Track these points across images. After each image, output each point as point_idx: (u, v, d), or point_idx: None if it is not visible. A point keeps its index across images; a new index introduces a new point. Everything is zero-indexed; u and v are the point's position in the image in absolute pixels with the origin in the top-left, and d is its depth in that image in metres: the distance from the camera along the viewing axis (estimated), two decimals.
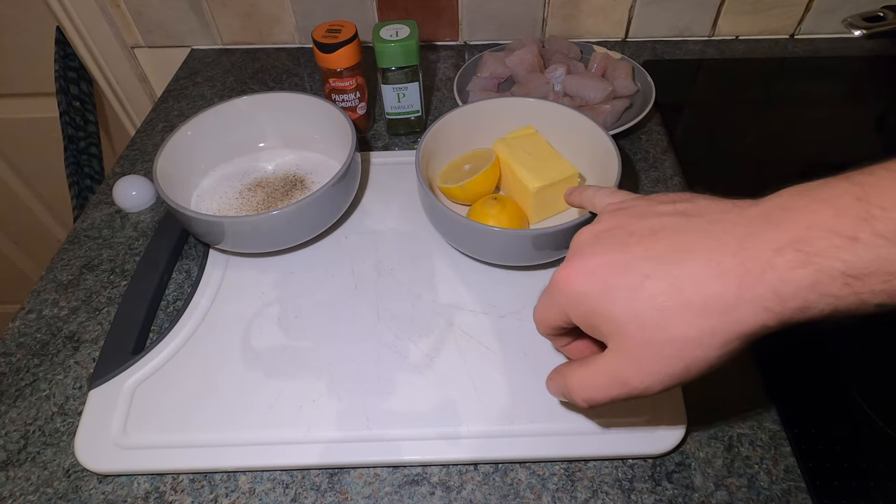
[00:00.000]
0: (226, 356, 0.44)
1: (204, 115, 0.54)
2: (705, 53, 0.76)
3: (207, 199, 0.54)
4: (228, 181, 0.56)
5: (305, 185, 0.55)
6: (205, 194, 0.55)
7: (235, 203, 0.54)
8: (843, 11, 0.73)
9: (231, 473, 0.39)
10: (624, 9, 0.74)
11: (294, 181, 0.56)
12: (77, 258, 0.53)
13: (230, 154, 0.57)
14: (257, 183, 0.56)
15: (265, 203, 0.53)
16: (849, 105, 0.68)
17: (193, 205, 0.53)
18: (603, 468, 0.39)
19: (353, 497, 0.38)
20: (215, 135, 0.55)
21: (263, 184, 0.56)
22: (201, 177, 0.56)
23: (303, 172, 0.57)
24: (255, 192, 0.55)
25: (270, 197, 0.54)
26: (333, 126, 0.54)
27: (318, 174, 0.56)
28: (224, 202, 0.54)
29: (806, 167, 0.60)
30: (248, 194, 0.54)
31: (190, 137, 0.53)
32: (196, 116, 0.53)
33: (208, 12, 0.76)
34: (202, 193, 0.55)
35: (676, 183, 0.58)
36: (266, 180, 0.56)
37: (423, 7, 0.74)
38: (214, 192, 0.55)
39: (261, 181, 0.56)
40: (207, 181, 0.56)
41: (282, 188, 0.55)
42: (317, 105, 0.55)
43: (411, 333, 0.45)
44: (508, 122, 0.53)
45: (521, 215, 0.49)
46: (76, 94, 0.79)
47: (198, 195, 0.55)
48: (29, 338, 0.47)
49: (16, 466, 0.40)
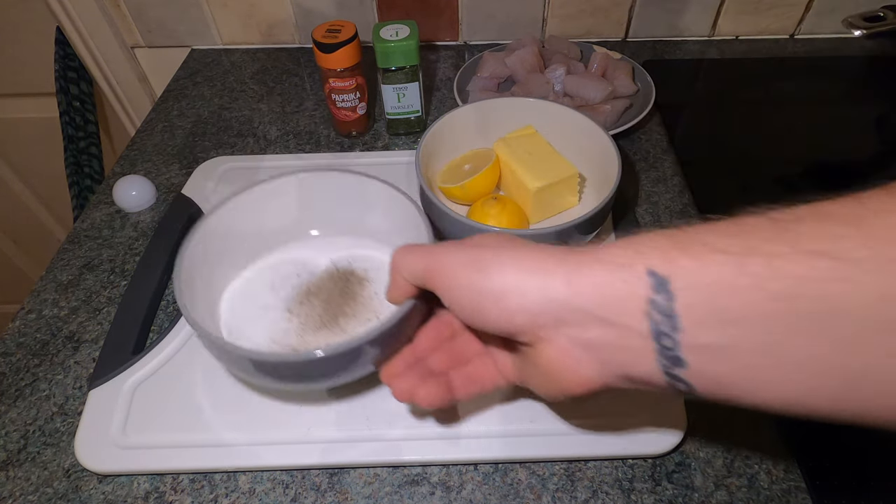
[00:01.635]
0: None
1: (246, 195, 0.43)
2: (705, 53, 0.76)
3: (245, 311, 0.43)
4: (270, 282, 0.45)
5: (364, 286, 0.45)
6: (239, 299, 0.43)
7: (282, 321, 0.42)
8: (843, 11, 0.73)
9: (231, 473, 0.39)
10: (624, 9, 0.74)
11: (353, 282, 0.45)
12: (77, 258, 0.53)
13: (271, 244, 0.47)
14: (308, 290, 0.44)
15: (322, 321, 0.42)
16: (849, 105, 0.68)
17: (225, 319, 0.42)
18: (603, 468, 0.39)
19: (353, 497, 0.38)
20: (257, 220, 0.45)
21: (317, 290, 0.44)
22: (238, 271, 0.45)
23: (362, 269, 0.46)
24: (310, 304, 0.43)
25: (328, 311, 0.42)
26: (404, 218, 0.44)
27: (380, 271, 0.46)
28: (265, 316, 0.42)
29: (806, 167, 0.60)
30: (298, 309, 0.43)
31: (229, 219, 0.42)
32: (237, 198, 0.43)
33: (208, 12, 0.76)
34: (234, 298, 0.43)
35: (676, 183, 0.58)
36: (320, 285, 0.44)
37: (423, 7, 0.74)
38: (252, 298, 0.44)
39: (312, 286, 0.44)
40: (241, 281, 0.45)
41: (339, 296, 0.43)
42: (385, 193, 0.45)
43: None
44: (508, 122, 0.53)
45: (521, 215, 0.49)
46: (76, 94, 0.79)
47: (230, 300, 0.43)
48: (29, 338, 0.47)
49: (16, 466, 0.40)
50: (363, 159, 0.60)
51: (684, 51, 0.76)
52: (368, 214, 0.46)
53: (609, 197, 0.44)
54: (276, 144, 0.64)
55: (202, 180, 0.58)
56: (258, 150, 0.64)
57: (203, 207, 0.55)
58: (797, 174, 0.59)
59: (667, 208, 0.56)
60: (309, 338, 0.41)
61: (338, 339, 0.38)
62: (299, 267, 0.46)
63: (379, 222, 0.46)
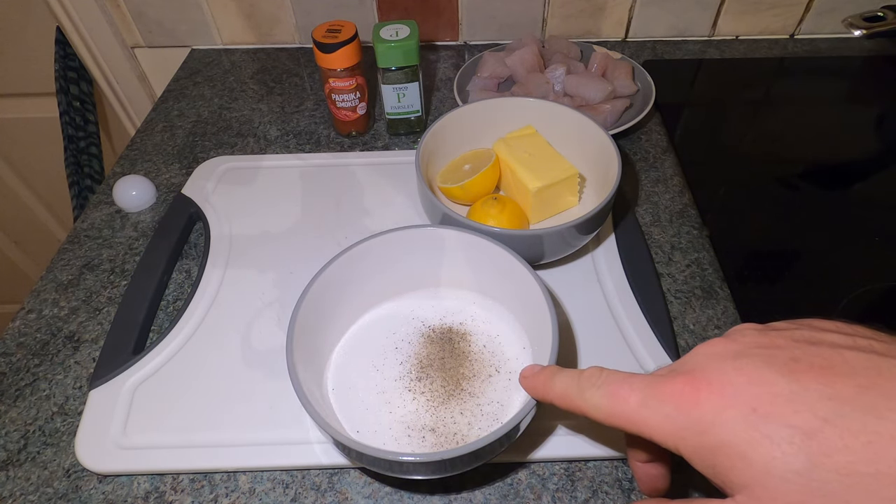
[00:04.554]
0: (226, 356, 0.44)
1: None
2: (705, 53, 0.76)
3: (360, 400, 0.39)
4: (371, 363, 0.41)
5: (469, 341, 0.42)
6: (343, 389, 0.40)
7: (408, 403, 0.39)
8: (843, 11, 0.73)
9: (231, 473, 0.39)
10: (624, 9, 0.74)
11: (455, 340, 0.42)
12: (77, 258, 0.53)
13: (347, 322, 0.43)
14: (420, 363, 0.41)
15: (447, 391, 0.39)
16: (849, 105, 0.68)
17: (344, 414, 0.39)
18: (603, 468, 0.39)
19: (353, 497, 0.38)
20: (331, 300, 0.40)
21: (427, 360, 0.41)
22: (325, 359, 0.41)
23: (458, 323, 0.43)
24: (428, 377, 0.40)
25: (449, 379, 0.39)
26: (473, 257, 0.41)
27: (475, 320, 0.43)
28: (388, 402, 0.39)
29: (806, 167, 0.60)
30: (418, 386, 0.39)
31: (303, 318, 0.37)
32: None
33: (208, 12, 0.76)
34: (339, 388, 0.40)
35: (676, 183, 0.58)
36: (427, 353, 0.41)
37: (423, 7, 0.74)
38: (362, 385, 0.40)
39: (419, 356, 0.41)
40: (336, 370, 0.41)
41: (452, 359, 0.41)
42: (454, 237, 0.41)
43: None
44: (508, 122, 0.53)
45: (521, 215, 0.49)
46: (76, 94, 0.79)
47: (337, 393, 0.40)
48: (29, 338, 0.47)
49: (16, 466, 0.40)
50: (363, 159, 0.60)
51: (684, 51, 0.76)
52: (434, 263, 0.43)
53: (609, 197, 0.44)
54: (276, 144, 0.64)
55: (202, 180, 0.58)
56: (258, 150, 0.64)
57: (203, 207, 0.55)
58: (797, 174, 0.59)
59: (667, 208, 0.56)
60: (442, 413, 0.38)
61: (469, 405, 0.38)
62: (390, 336, 0.42)
63: (447, 269, 0.44)
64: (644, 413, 0.23)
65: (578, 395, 0.26)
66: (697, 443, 0.21)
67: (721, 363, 0.22)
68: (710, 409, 0.21)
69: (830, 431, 0.18)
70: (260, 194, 0.57)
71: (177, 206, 0.55)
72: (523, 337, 0.42)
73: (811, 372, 0.20)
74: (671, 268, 0.50)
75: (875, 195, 0.57)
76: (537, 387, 0.29)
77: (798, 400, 0.19)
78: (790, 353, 0.21)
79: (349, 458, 0.35)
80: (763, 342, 0.22)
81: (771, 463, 0.19)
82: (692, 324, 0.46)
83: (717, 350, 0.23)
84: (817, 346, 0.21)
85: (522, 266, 0.39)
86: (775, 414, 0.19)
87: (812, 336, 0.22)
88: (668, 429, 0.22)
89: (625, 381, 0.24)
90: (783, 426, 0.19)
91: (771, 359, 0.21)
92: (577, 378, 0.26)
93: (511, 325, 0.43)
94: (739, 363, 0.21)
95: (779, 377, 0.20)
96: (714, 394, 0.21)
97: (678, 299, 0.48)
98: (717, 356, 0.22)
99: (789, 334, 0.22)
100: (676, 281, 0.49)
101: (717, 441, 0.20)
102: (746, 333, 0.23)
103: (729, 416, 0.20)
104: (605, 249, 0.51)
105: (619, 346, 0.44)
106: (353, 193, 0.56)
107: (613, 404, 0.24)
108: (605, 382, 0.25)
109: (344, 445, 0.31)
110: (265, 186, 0.58)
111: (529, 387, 0.30)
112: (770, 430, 0.19)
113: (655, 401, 0.22)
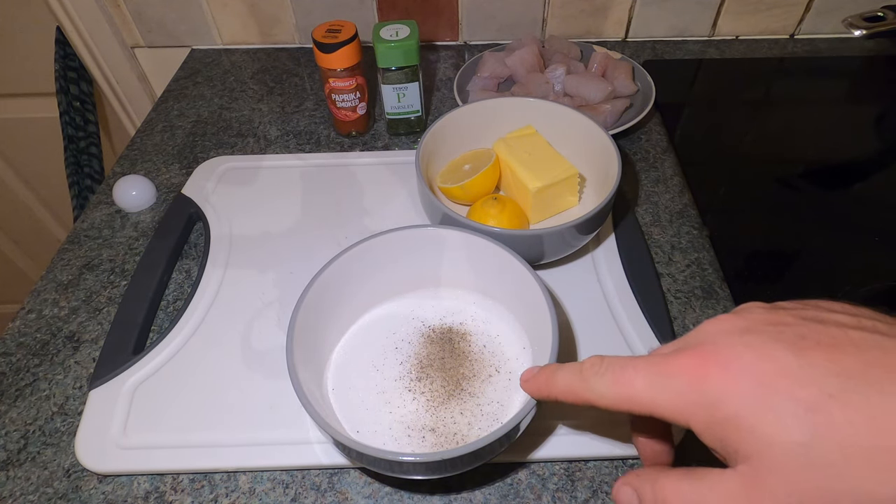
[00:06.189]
0: (226, 356, 0.44)
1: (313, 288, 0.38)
2: (705, 53, 0.76)
3: (360, 400, 0.39)
4: (370, 363, 0.41)
5: (469, 340, 0.42)
6: (343, 389, 0.40)
7: (409, 403, 0.39)
8: (843, 11, 0.73)
9: (231, 473, 0.39)
10: (624, 9, 0.74)
11: (455, 340, 0.42)
12: (77, 258, 0.53)
13: (347, 322, 0.43)
14: (420, 363, 0.41)
15: (447, 391, 0.39)
16: (849, 105, 0.68)
17: (344, 414, 0.38)
18: (603, 468, 0.39)
19: (353, 497, 0.38)
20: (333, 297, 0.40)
21: (427, 360, 0.41)
22: (326, 358, 0.41)
23: (458, 323, 0.43)
24: (428, 377, 0.40)
25: (449, 379, 0.39)
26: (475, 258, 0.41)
27: (475, 319, 0.43)
28: (387, 402, 0.39)
29: (806, 167, 0.60)
30: (418, 386, 0.39)
31: (303, 320, 0.37)
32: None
33: (208, 12, 0.76)
34: (339, 388, 0.40)
35: (676, 183, 0.58)
36: (427, 353, 0.41)
37: (423, 7, 0.74)
38: (361, 385, 0.40)
39: (418, 356, 0.41)
40: (336, 369, 0.41)
41: (452, 359, 0.41)
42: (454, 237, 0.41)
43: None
44: (508, 122, 0.53)
45: (521, 215, 0.49)
46: (76, 94, 0.79)
47: (336, 393, 0.40)
48: (29, 338, 0.47)
49: (16, 466, 0.40)
50: (363, 159, 0.60)
51: (684, 51, 0.76)
52: (434, 263, 0.43)
53: (609, 197, 0.44)
54: (276, 144, 0.64)
55: (202, 180, 0.58)
56: (258, 150, 0.64)
57: (203, 207, 0.55)
58: (797, 174, 0.60)
59: (667, 208, 0.56)
60: (442, 413, 0.38)
61: (469, 405, 0.38)
62: (390, 336, 0.42)
63: (447, 269, 0.43)
64: (652, 393, 0.23)
65: (583, 386, 0.26)
66: (708, 416, 0.21)
67: (729, 338, 0.22)
68: (720, 383, 0.21)
69: (835, 406, 0.19)
70: (260, 194, 0.57)
71: (177, 206, 0.55)
72: (523, 337, 0.42)
73: (818, 349, 0.20)
74: (671, 268, 0.50)
75: (875, 195, 0.57)
76: (540, 387, 0.29)
77: (805, 375, 0.20)
78: (797, 331, 0.21)
79: (349, 458, 0.35)
80: (771, 319, 0.22)
81: (775, 435, 0.20)
82: (692, 324, 0.46)
83: (725, 326, 0.23)
84: (824, 324, 0.21)
85: (522, 266, 0.39)
86: (782, 388, 0.20)
87: (818, 315, 0.22)
88: (678, 405, 0.22)
89: (628, 364, 0.24)
90: (789, 400, 0.20)
91: (779, 335, 0.21)
92: (578, 370, 0.27)
93: (511, 325, 0.43)
94: (748, 339, 0.22)
95: (787, 353, 0.21)
96: (723, 368, 0.21)
97: (678, 299, 0.48)
98: (726, 332, 0.23)
99: (796, 312, 0.23)
100: (676, 281, 0.49)
101: (727, 414, 0.21)
102: (754, 311, 0.24)
103: (738, 390, 0.21)
104: (605, 249, 0.51)
105: (620, 347, 0.44)
106: (353, 193, 0.56)
107: (620, 389, 0.24)
108: (608, 369, 0.25)
109: (344, 445, 0.31)
110: (265, 186, 0.58)
111: (532, 389, 0.30)
112: (776, 404, 0.20)
113: (663, 378, 0.23)
